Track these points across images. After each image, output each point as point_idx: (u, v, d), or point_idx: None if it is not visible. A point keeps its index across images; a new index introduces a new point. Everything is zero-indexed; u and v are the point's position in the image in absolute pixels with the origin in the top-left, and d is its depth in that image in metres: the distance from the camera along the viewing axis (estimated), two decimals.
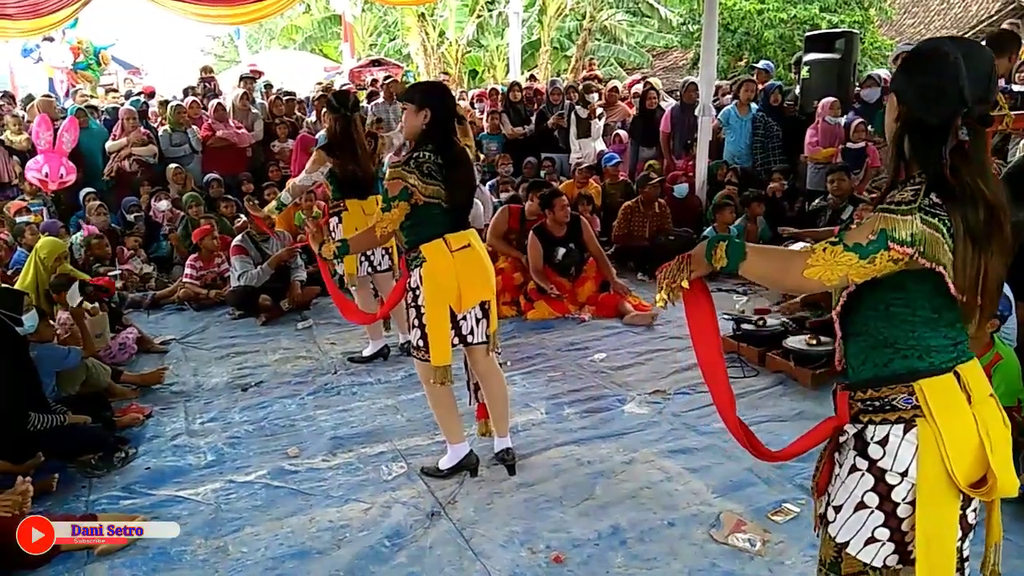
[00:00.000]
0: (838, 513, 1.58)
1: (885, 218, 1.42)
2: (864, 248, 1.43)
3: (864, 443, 1.53)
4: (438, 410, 3.25)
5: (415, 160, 2.91)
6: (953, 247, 1.39)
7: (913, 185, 1.43)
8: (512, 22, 12.81)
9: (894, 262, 1.42)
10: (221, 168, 7.97)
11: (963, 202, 1.40)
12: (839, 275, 1.46)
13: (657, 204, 6.78)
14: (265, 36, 24.19)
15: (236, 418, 4.04)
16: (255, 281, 5.77)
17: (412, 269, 3.05)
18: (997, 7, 16.03)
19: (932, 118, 1.43)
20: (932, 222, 1.39)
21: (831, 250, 1.46)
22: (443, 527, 2.92)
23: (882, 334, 1.53)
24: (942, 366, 1.49)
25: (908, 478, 1.48)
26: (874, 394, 1.53)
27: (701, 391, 4.09)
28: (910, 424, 1.48)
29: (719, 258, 1.60)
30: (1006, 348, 3.34)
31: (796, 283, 1.53)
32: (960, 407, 1.47)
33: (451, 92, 3.23)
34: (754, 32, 15.29)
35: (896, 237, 1.40)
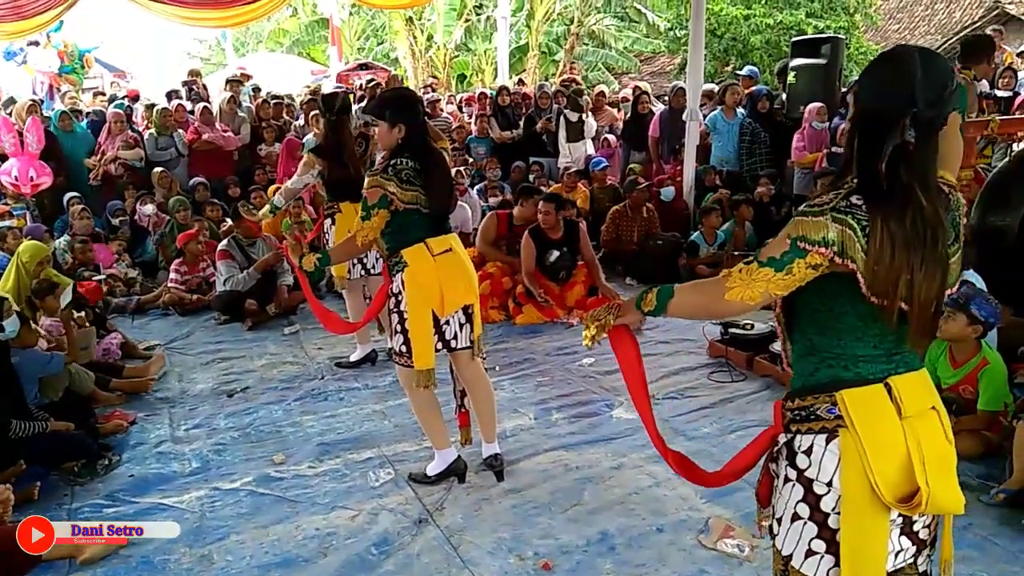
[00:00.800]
0: (780, 525, 1.55)
1: (797, 224, 1.41)
2: (778, 261, 1.42)
3: (793, 453, 1.52)
4: (422, 416, 3.23)
5: (393, 167, 2.89)
6: (867, 247, 1.36)
7: (836, 189, 1.43)
8: (500, 26, 12.82)
9: (814, 268, 1.41)
10: (207, 172, 7.91)
11: (891, 204, 1.37)
12: (759, 292, 1.45)
13: (645, 209, 6.80)
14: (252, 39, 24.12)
15: (221, 424, 4.00)
16: (241, 286, 5.72)
17: (394, 274, 3.03)
18: (981, 13, 16.21)
19: (882, 111, 1.41)
20: (844, 220, 1.37)
21: (747, 268, 1.47)
22: (431, 534, 2.90)
23: (811, 341, 1.52)
24: (869, 377, 1.46)
25: (834, 488, 1.46)
26: (801, 403, 1.51)
27: (689, 396, 4.11)
28: (833, 434, 1.46)
29: (648, 302, 1.64)
30: (993, 353, 3.36)
31: (723, 309, 1.53)
32: (886, 419, 1.43)
33: (418, 99, 3.18)
34: (741, 38, 15.39)
35: (809, 239, 1.39)
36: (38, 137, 7.25)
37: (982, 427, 3.31)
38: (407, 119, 2.95)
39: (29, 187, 7.18)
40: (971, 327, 3.28)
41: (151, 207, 7.25)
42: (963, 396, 3.38)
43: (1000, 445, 3.21)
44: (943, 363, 3.44)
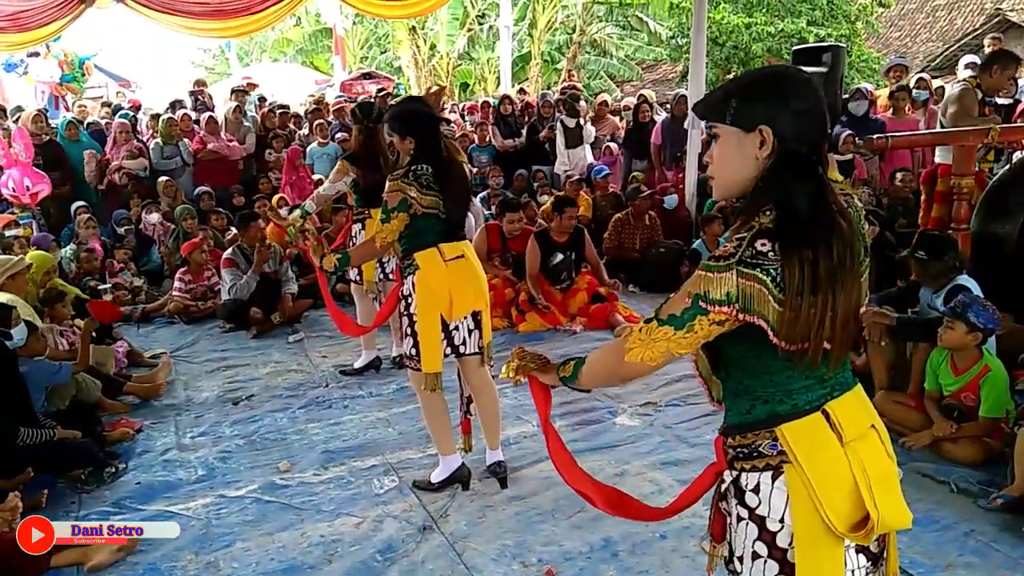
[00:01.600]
0: (742, 564, 1.49)
1: (699, 279, 1.33)
2: (679, 319, 1.35)
3: (741, 491, 1.46)
4: (431, 419, 3.25)
5: (413, 173, 2.96)
6: (784, 296, 1.27)
7: (739, 234, 1.33)
8: (503, 35, 12.90)
9: (718, 324, 1.33)
10: (212, 181, 7.95)
11: (816, 238, 1.28)
12: (660, 352, 1.38)
13: (648, 216, 6.82)
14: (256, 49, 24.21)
15: (227, 432, 4.03)
16: (244, 291, 5.75)
17: (405, 277, 3.08)
18: (982, 20, 16.25)
19: (805, 147, 1.34)
20: (751, 274, 1.28)
21: (647, 328, 1.40)
22: (435, 541, 2.92)
23: (742, 383, 1.45)
24: (806, 407, 1.40)
25: (786, 525, 1.40)
26: (742, 440, 1.45)
27: (692, 403, 4.12)
28: (778, 470, 1.40)
29: (566, 368, 1.63)
30: (994, 360, 3.37)
31: (624, 372, 1.45)
32: (828, 448, 1.38)
33: (429, 110, 3.21)
34: (742, 46, 15.44)
35: (711, 298, 1.31)
36: (26, 146, 7.22)
37: (983, 434, 3.32)
38: (417, 131, 3.02)
39: (28, 196, 7.21)
40: (970, 335, 3.29)
41: (156, 216, 7.30)
42: (964, 403, 3.39)
43: (1001, 452, 3.22)
44: (945, 370, 3.46)
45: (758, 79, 1.40)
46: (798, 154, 1.34)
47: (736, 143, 1.39)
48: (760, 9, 15.65)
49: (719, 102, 1.41)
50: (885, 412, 3.51)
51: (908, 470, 3.19)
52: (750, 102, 1.37)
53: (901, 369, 3.81)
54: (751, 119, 1.36)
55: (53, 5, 7.72)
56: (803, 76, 1.38)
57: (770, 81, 1.38)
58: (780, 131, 1.34)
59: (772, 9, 15.64)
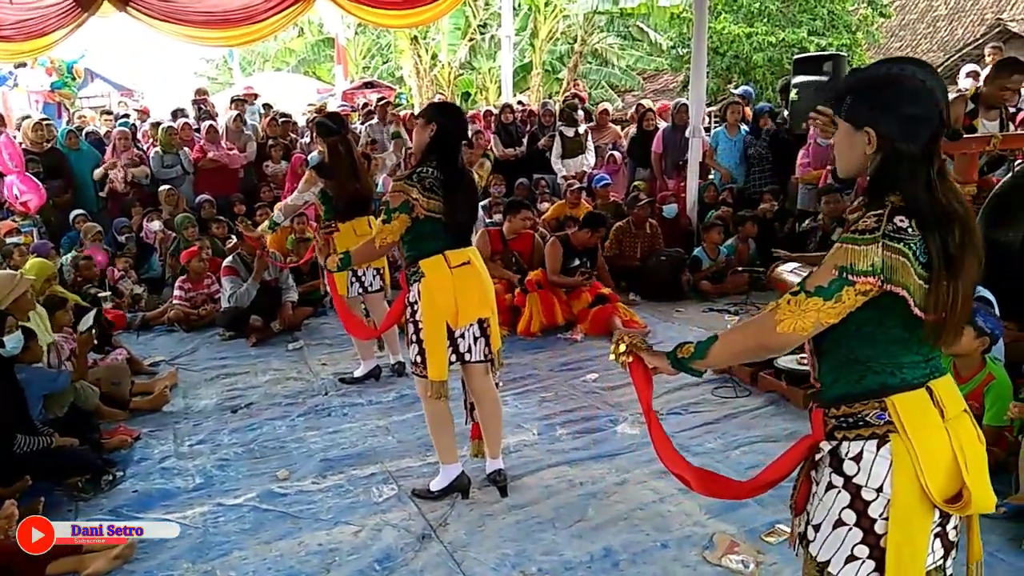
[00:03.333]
0: (817, 532, 1.56)
1: (845, 251, 1.42)
2: (827, 290, 1.43)
3: (839, 460, 1.53)
4: (434, 427, 3.22)
5: (417, 175, 2.96)
6: (927, 272, 1.39)
7: (876, 211, 1.43)
8: (504, 45, 12.90)
9: (863, 294, 1.42)
10: (213, 189, 7.95)
11: (939, 224, 1.39)
12: (811, 322, 1.45)
13: (648, 224, 6.82)
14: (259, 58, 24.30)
15: (225, 440, 4.00)
16: (244, 299, 5.74)
17: (411, 284, 3.07)
18: (983, 30, 16.28)
19: (914, 144, 1.43)
20: (896, 247, 1.39)
21: (795, 300, 1.46)
22: (434, 550, 2.89)
23: (854, 352, 1.51)
24: (914, 382, 1.49)
25: (883, 494, 1.47)
26: (847, 410, 1.52)
27: (693, 411, 4.10)
28: (883, 440, 1.47)
29: (685, 350, 1.66)
30: (998, 368, 3.35)
31: (775, 342, 1.51)
32: (933, 422, 1.46)
33: (463, 114, 3.25)
34: (743, 56, 15.47)
35: (858, 269, 1.40)
36: (11, 154, 7.16)
37: (988, 443, 3.27)
38: (440, 121, 3.01)
39: (20, 204, 7.18)
40: (978, 340, 3.27)
41: (157, 224, 7.31)
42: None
43: (1006, 461, 3.19)
44: None
45: (872, 81, 1.48)
46: (906, 153, 1.43)
47: (848, 135, 1.51)
48: (761, 19, 15.68)
49: (839, 96, 1.53)
50: None
51: None
52: (862, 103, 1.48)
53: None
54: (860, 119, 1.48)
55: (56, 13, 7.74)
56: (916, 81, 1.43)
57: (883, 84, 1.46)
58: (886, 133, 1.45)
59: (773, 19, 15.67)
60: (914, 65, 1.45)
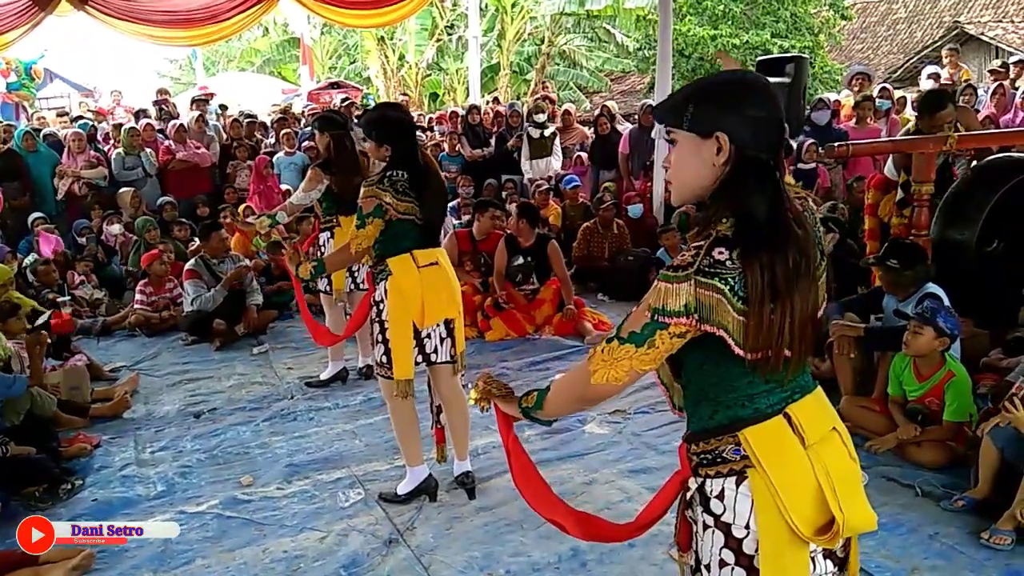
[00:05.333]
0: (709, 572, 1.47)
1: (657, 291, 1.31)
2: (639, 335, 1.33)
3: (706, 498, 1.44)
4: (400, 429, 3.19)
5: (389, 179, 2.94)
6: (746, 305, 1.26)
7: (696, 242, 1.31)
8: (471, 46, 12.89)
9: (680, 336, 1.32)
10: (184, 190, 7.86)
11: (772, 246, 1.27)
12: (624, 371, 1.36)
13: (615, 225, 6.85)
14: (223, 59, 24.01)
15: (188, 446, 3.93)
16: (209, 305, 5.65)
17: (377, 282, 3.05)
18: (941, 33, 16.65)
19: (762, 151, 1.32)
20: (710, 283, 1.27)
21: (608, 348, 1.37)
22: (401, 554, 2.87)
23: (702, 389, 1.43)
24: (768, 411, 1.38)
25: (752, 531, 1.38)
26: (705, 447, 1.43)
27: (660, 410, 4.11)
28: (742, 475, 1.38)
29: (529, 399, 1.61)
30: (958, 366, 3.41)
31: (592, 393, 1.43)
32: (791, 452, 1.37)
33: (406, 118, 3.19)
34: (708, 57, 15.63)
35: (669, 310, 1.29)
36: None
37: (947, 438, 3.36)
38: (393, 139, 2.99)
39: None
40: (938, 340, 3.33)
41: (118, 227, 7.18)
42: (929, 408, 3.43)
43: (965, 455, 3.26)
44: (908, 376, 3.50)
45: (716, 84, 1.37)
46: (757, 161, 1.32)
47: (693, 149, 1.36)
48: (725, 21, 15.87)
49: (676, 106, 1.38)
50: (850, 416, 3.55)
51: (873, 474, 3.21)
52: (707, 107, 1.34)
53: (867, 374, 3.84)
54: (708, 125, 1.33)
55: (12, 13, 7.57)
56: (761, 82, 1.35)
57: (728, 86, 1.35)
58: (737, 138, 1.31)
59: (737, 21, 15.87)
60: (751, 71, 1.39)
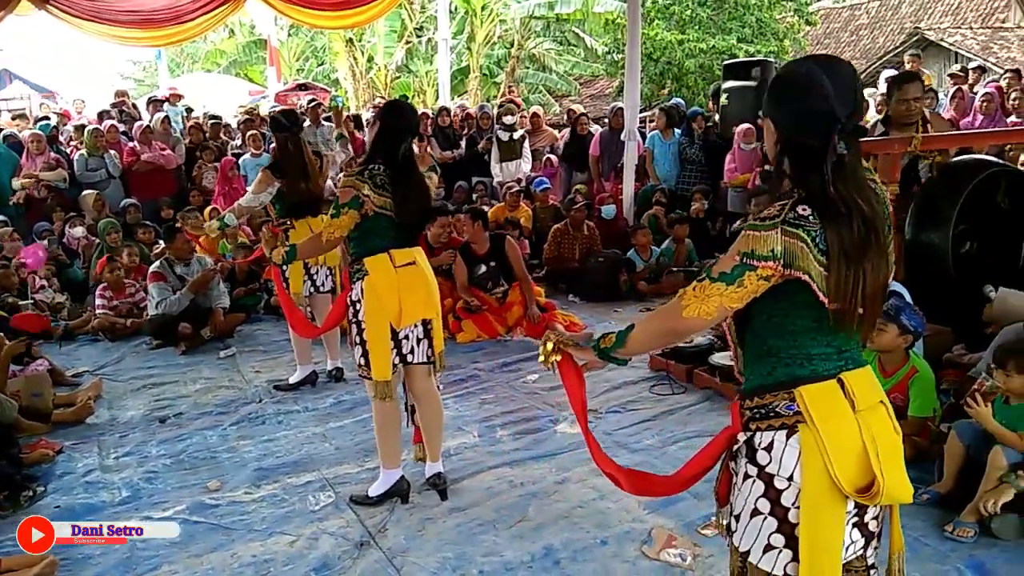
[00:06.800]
0: (738, 522, 1.58)
1: (747, 238, 1.44)
2: (729, 275, 1.45)
3: (753, 450, 1.54)
4: (381, 430, 3.16)
5: (368, 171, 2.92)
6: (826, 259, 1.41)
7: (782, 200, 1.46)
8: (441, 48, 12.86)
9: (765, 279, 1.44)
10: (148, 192, 7.73)
11: (839, 217, 1.41)
12: (714, 307, 1.47)
13: (586, 226, 6.88)
14: (188, 60, 23.69)
15: (153, 452, 3.86)
16: (174, 308, 5.56)
17: (354, 282, 3.02)
18: (902, 39, 16.98)
19: (810, 140, 1.44)
20: (795, 232, 1.41)
21: (699, 286, 1.49)
22: (373, 556, 2.84)
23: (766, 344, 1.54)
24: (824, 373, 1.50)
25: (794, 482, 1.49)
26: (760, 402, 1.54)
27: (631, 409, 4.14)
28: (792, 429, 1.49)
29: (607, 340, 1.70)
30: (921, 362, 3.47)
31: (683, 327, 1.55)
32: (842, 413, 1.48)
33: (410, 112, 3.19)
34: (675, 61, 15.80)
35: (758, 254, 1.42)
36: None
37: (912, 433, 3.40)
38: (384, 118, 3.01)
39: None
40: (902, 337, 3.39)
41: (80, 230, 7.04)
42: (894, 403, 3.46)
43: (929, 450, 3.31)
44: (873, 372, 3.54)
45: (775, 77, 1.55)
46: (798, 146, 1.46)
47: (767, 131, 1.56)
48: (692, 26, 16.03)
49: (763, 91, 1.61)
50: None
51: None
52: (768, 95, 1.54)
53: None
54: (765, 110, 1.55)
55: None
56: (805, 78, 1.46)
57: (776, 80, 1.53)
58: (780, 125, 1.50)
59: (704, 26, 16.05)
60: (818, 63, 1.47)
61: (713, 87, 10.23)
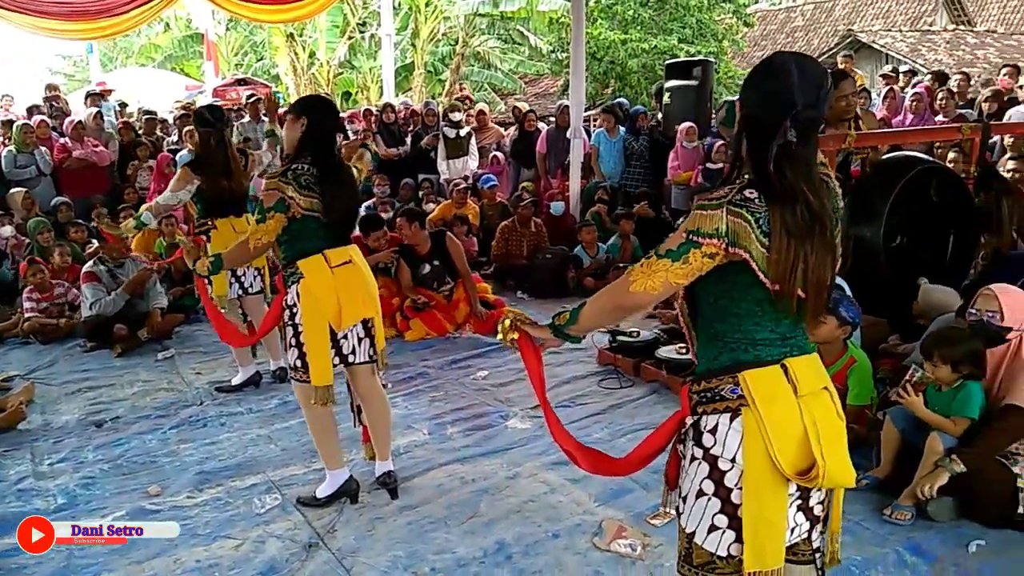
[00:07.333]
0: (685, 503, 1.62)
1: (694, 217, 1.50)
2: (675, 252, 1.50)
3: (699, 432, 1.59)
4: (317, 434, 3.11)
5: (292, 172, 2.81)
6: (767, 239, 1.46)
7: (730, 183, 1.52)
8: (384, 44, 12.73)
9: (710, 257, 1.48)
10: (81, 190, 7.46)
11: (783, 199, 1.47)
12: (660, 282, 1.52)
13: (533, 223, 6.91)
14: (121, 54, 22.95)
15: (90, 457, 3.72)
16: (109, 309, 5.37)
17: (289, 286, 2.93)
18: (836, 40, 17.52)
19: (765, 116, 1.50)
20: (739, 212, 1.46)
21: (647, 262, 1.54)
22: (321, 558, 2.79)
23: (713, 328, 1.59)
24: (768, 359, 1.55)
25: (737, 464, 1.54)
26: (707, 385, 1.59)
27: (580, 403, 4.17)
28: (736, 413, 1.54)
29: (561, 317, 1.73)
30: (859, 352, 3.58)
31: (630, 302, 1.58)
32: (783, 397, 1.53)
33: (334, 106, 3.14)
34: (619, 61, 15.96)
35: (703, 232, 1.47)
36: None
37: (851, 421, 3.48)
38: (311, 114, 2.88)
39: None
40: (840, 328, 3.48)
41: (9, 229, 6.74)
42: None
43: (867, 437, 3.41)
44: None
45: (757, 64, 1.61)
46: (759, 122, 1.51)
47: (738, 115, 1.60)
48: (635, 26, 16.22)
49: None
50: None
51: None
52: (745, 82, 1.60)
53: None
54: (741, 93, 1.60)
55: None
56: (773, 63, 1.53)
57: (757, 65, 1.58)
58: (744, 103, 1.56)
59: (646, 26, 16.25)
60: (794, 56, 1.53)
61: (656, 86, 10.38)
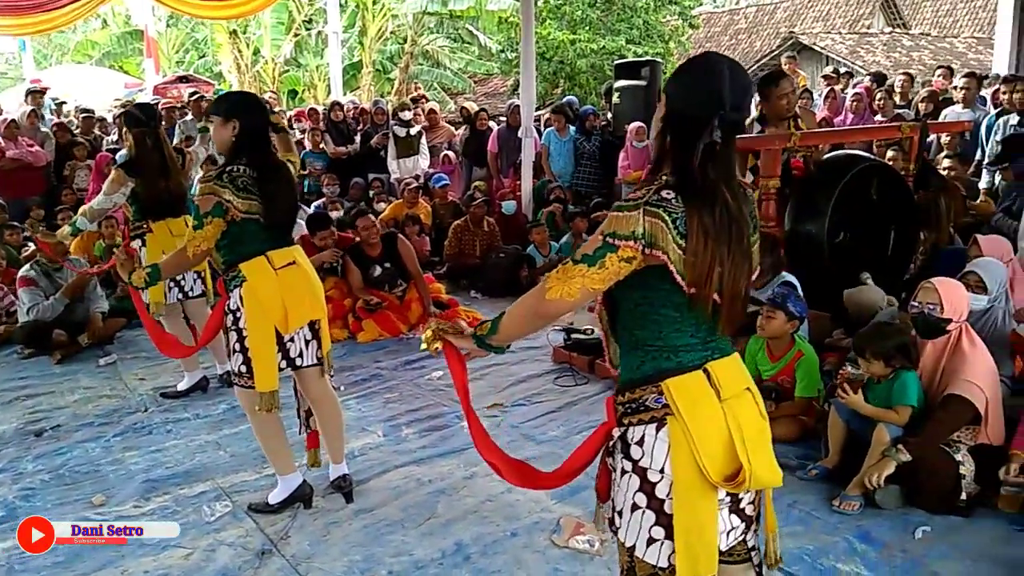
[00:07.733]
0: (621, 517, 1.59)
1: (611, 219, 1.47)
2: (591, 256, 1.47)
3: (627, 445, 1.56)
4: (265, 440, 3.04)
5: (228, 174, 2.72)
6: (684, 241, 1.43)
7: (648, 184, 1.48)
8: (331, 42, 12.58)
9: (627, 261, 1.45)
10: (16, 191, 7.16)
11: (703, 199, 1.45)
12: (577, 288, 1.48)
13: (486, 222, 6.90)
14: (56, 51, 22.17)
15: (29, 467, 3.57)
16: (47, 314, 5.17)
17: (231, 290, 2.84)
18: (778, 43, 17.95)
19: (691, 111, 1.47)
20: (656, 213, 1.43)
21: (563, 268, 1.51)
22: (275, 565, 2.73)
23: (634, 335, 1.56)
24: (689, 365, 1.52)
25: (666, 475, 1.51)
26: (631, 396, 1.56)
27: (536, 401, 4.17)
28: (661, 423, 1.51)
29: (483, 327, 1.68)
30: (807, 346, 3.67)
31: (547, 310, 1.55)
32: (707, 403, 1.50)
33: (262, 102, 3.06)
34: (568, 61, 16.10)
35: (620, 234, 1.44)
36: None
37: (799, 412, 3.59)
38: (243, 116, 2.79)
39: None
40: (789, 323, 3.57)
41: None
42: (782, 386, 3.66)
43: (815, 428, 3.50)
44: (762, 357, 3.72)
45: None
46: (685, 120, 1.48)
47: (659, 107, 1.56)
48: (583, 27, 16.38)
49: None
50: None
51: None
52: (670, 77, 1.57)
53: None
54: (664, 87, 1.58)
55: None
56: (704, 61, 1.52)
57: (683, 62, 1.57)
58: (670, 98, 1.52)
59: (594, 27, 16.42)
60: (726, 59, 1.52)
61: (605, 86, 10.49)
